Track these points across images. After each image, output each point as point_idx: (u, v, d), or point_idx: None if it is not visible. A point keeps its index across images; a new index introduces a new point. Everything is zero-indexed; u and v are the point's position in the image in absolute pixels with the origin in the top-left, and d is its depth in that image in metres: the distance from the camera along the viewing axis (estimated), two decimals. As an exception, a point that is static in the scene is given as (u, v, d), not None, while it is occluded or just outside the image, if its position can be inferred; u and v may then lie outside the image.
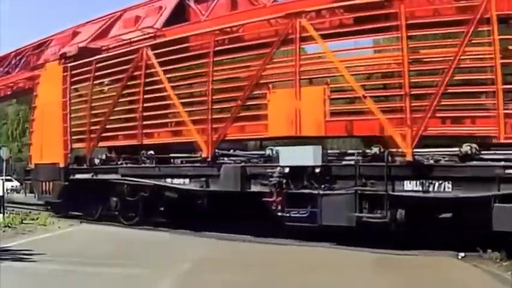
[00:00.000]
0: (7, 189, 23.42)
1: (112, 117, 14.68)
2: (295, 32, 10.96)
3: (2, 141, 53.44)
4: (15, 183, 41.27)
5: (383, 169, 9.69)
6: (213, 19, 13.89)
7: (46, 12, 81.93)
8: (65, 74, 15.79)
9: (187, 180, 12.61)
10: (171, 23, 14.77)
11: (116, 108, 14.56)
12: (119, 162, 14.49)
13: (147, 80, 13.58)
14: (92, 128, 14.99)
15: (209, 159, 12.15)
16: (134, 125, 13.88)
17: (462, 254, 8.86)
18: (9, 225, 13.42)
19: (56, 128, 15.86)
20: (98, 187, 14.68)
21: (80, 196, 15.20)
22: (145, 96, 13.57)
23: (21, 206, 19.33)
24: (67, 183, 15.49)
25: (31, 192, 20.29)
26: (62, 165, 15.66)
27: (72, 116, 15.73)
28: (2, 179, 18.03)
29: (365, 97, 10.10)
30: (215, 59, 12.24)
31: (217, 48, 12.30)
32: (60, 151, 15.78)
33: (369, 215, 9.76)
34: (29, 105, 60.70)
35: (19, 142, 57.79)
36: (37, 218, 14.96)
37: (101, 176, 14.65)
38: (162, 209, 14.31)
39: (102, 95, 15.07)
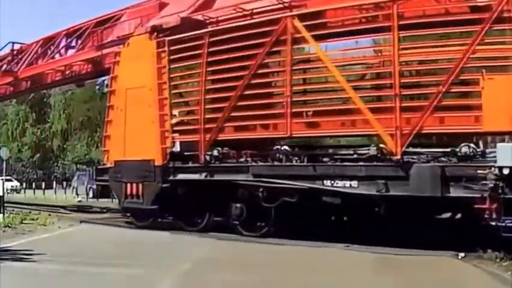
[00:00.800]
0: (7, 189, 23.42)
1: (239, 103, 11.66)
2: None
3: (2, 141, 53.46)
4: (15, 183, 41.36)
5: None
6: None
7: (45, 12, 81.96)
8: (161, 50, 12.89)
9: (354, 183, 10.05)
10: None
11: (246, 92, 11.58)
12: (241, 160, 11.85)
13: (295, 57, 11.24)
14: (208, 116, 12.06)
15: (398, 157, 9.71)
16: (276, 113, 11.43)
17: (462, 254, 8.85)
18: (9, 225, 13.39)
19: (148, 117, 12.95)
20: (211, 190, 11.97)
21: (178, 201, 12.53)
22: (295, 77, 11.19)
23: (21, 206, 19.33)
24: (164, 185, 12.61)
25: (103, 196, 17.63)
26: (157, 162, 12.65)
27: (173, 101, 12.81)
28: (2, 179, 18.00)
29: None
30: (402, 34, 9.88)
31: (405, 22, 9.87)
32: (154, 145, 12.78)
33: None
34: (28, 105, 60.73)
35: (19, 142, 57.93)
36: (37, 218, 14.95)
37: (220, 177, 11.83)
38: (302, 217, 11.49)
39: (220, 76, 12.20)
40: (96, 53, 16.06)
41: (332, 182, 10.24)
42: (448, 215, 10.71)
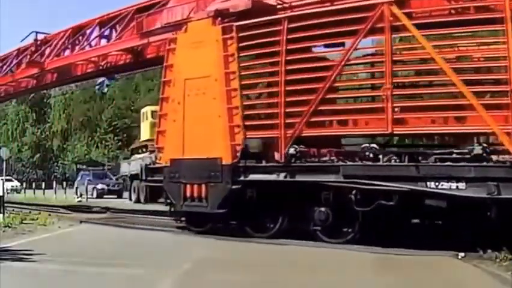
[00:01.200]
0: (7, 189, 23.43)
1: (328, 96, 10.55)
2: None
3: (2, 141, 53.50)
4: (16, 183, 41.40)
5: None
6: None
7: (44, 11, 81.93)
8: (227, 36, 11.57)
9: (462, 184, 9.16)
10: None
11: (336, 84, 10.62)
12: (324, 159, 10.90)
13: (397, 47, 10.27)
14: (290, 110, 10.84)
15: None
16: (374, 107, 10.36)
17: (462, 254, 8.84)
18: (9, 225, 13.39)
19: (214, 110, 11.57)
20: (287, 192, 10.77)
21: (245, 204, 11.21)
22: (395, 69, 10.04)
23: (21, 206, 19.35)
24: (234, 186, 11.25)
25: (153, 199, 14.79)
26: (226, 161, 11.28)
27: (244, 93, 11.44)
28: (2, 179, 17.99)
29: None
30: None
31: None
32: (221, 142, 11.42)
33: None
34: (28, 105, 60.68)
35: (19, 142, 57.98)
36: (37, 218, 14.94)
37: (302, 178, 10.59)
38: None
39: (302, 65, 10.93)
40: (140, 41, 14.57)
41: (437, 183, 9.29)
42: None
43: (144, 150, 27.66)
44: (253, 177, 11.12)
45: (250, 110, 11.46)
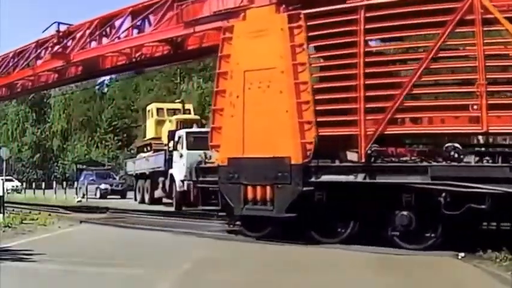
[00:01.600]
0: (7, 189, 23.44)
1: (414, 91, 9.81)
2: None
3: (2, 141, 53.52)
4: (17, 183, 41.41)
5: None
6: None
7: (46, 11, 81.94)
8: (294, 25, 10.64)
9: None
10: None
11: (424, 78, 9.69)
12: (404, 159, 10.03)
13: (487, 41, 9.35)
14: (370, 105, 9.99)
15: None
16: (464, 104, 9.57)
17: (462, 254, 8.84)
18: (9, 225, 13.39)
19: (280, 105, 10.62)
20: (363, 195, 9.90)
21: (313, 207, 10.27)
22: (489, 63, 9.25)
23: (21, 206, 19.35)
24: (305, 188, 10.26)
25: (204, 202, 12.17)
26: (295, 160, 10.30)
27: (316, 87, 10.52)
28: (2, 179, 17.98)
29: None
30: None
31: None
32: (290, 139, 10.45)
33: None
34: (28, 105, 60.53)
35: (19, 142, 58.01)
36: (37, 218, 14.94)
37: (385, 179, 9.71)
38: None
39: (384, 58, 10.41)
40: (183, 30, 13.23)
41: None
42: None
43: (149, 148, 27.13)
44: (326, 178, 10.19)
45: (323, 105, 10.40)
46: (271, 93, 10.70)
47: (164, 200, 23.79)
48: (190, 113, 27.17)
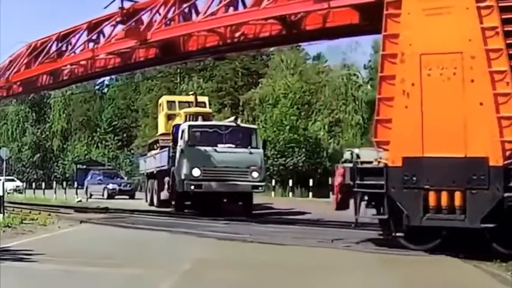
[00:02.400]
0: (7, 189, 23.41)
1: None
2: None
3: (2, 141, 53.49)
4: (18, 183, 41.33)
5: None
6: None
7: (46, 11, 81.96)
8: (484, 4, 9.13)
9: None
10: None
11: None
12: None
13: None
14: None
15: None
16: None
17: (462, 255, 8.84)
18: (9, 225, 13.39)
19: (472, 96, 9.08)
20: None
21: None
22: None
23: (21, 206, 19.34)
24: (507, 194, 8.76)
25: (342, 206, 10.60)
26: (494, 162, 8.81)
27: None
28: (2, 179, 17.97)
29: None
30: None
31: None
32: (486, 137, 8.96)
33: None
34: (28, 105, 60.47)
35: (19, 142, 58.01)
36: (37, 218, 14.93)
37: None
38: None
39: None
40: (312, 6, 11.22)
41: None
42: None
43: (158, 145, 24.00)
44: None
45: None
46: (459, 81, 9.17)
47: (173, 202, 20.37)
48: (205, 106, 24.15)
